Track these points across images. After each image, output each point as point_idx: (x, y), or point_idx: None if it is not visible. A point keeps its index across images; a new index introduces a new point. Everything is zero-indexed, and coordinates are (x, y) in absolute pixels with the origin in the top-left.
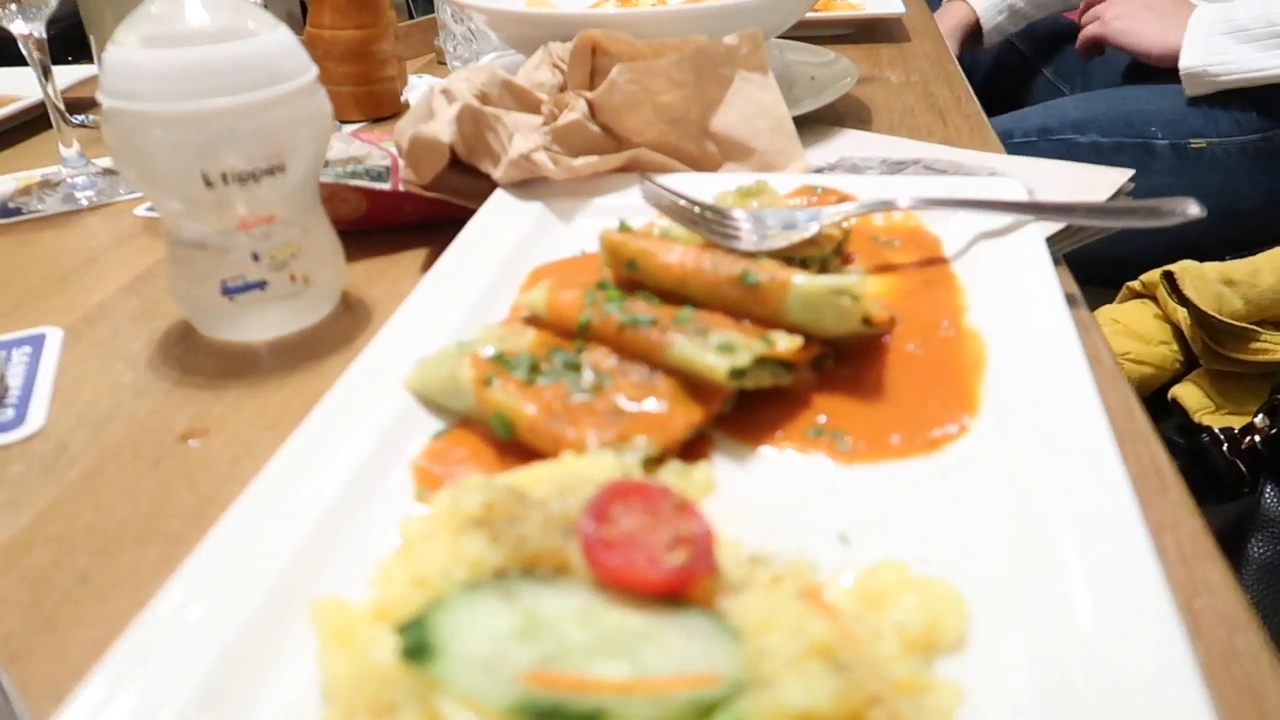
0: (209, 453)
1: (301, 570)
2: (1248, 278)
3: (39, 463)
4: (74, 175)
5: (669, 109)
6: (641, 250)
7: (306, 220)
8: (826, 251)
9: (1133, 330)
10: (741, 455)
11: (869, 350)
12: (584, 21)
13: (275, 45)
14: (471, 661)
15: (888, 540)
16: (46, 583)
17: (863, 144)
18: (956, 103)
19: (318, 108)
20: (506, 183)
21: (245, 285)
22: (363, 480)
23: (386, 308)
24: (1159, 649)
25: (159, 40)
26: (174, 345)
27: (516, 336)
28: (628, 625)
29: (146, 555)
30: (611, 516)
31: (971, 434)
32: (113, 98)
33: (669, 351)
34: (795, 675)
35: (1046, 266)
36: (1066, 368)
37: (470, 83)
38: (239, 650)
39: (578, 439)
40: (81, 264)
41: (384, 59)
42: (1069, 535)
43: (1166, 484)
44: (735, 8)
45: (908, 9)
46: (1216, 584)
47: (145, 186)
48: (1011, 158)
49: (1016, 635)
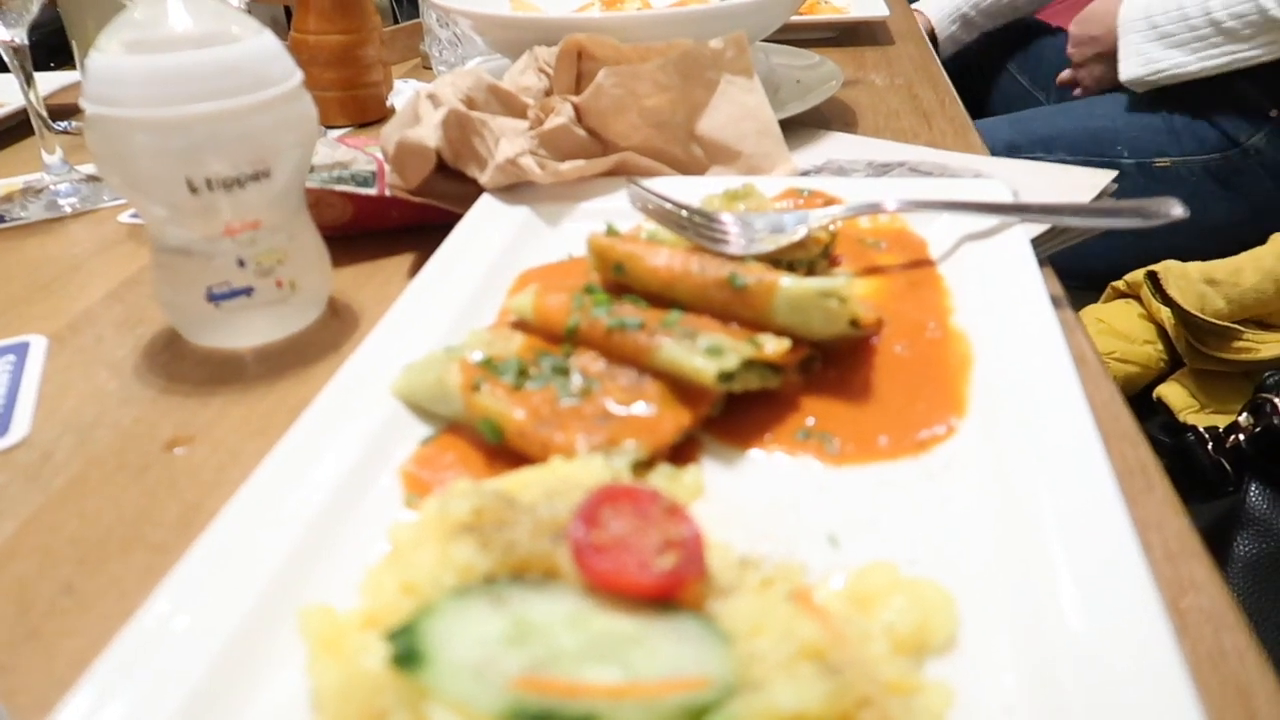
0: (195, 461)
1: (289, 578)
2: (1230, 277)
3: (23, 472)
4: (57, 182)
5: (655, 113)
6: (629, 254)
7: (292, 226)
8: (814, 254)
9: (1117, 330)
10: (730, 458)
11: (856, 352)
12: (569, 25)
13: (259, 50)
14: (461, 668)
15: (877, 542)
16: (31, 593)
17: (848, 146)
18: (941, 105)
19: (303, 113)
20: (493, 187)
21: (231, 292)
22: (350, 487)
23: (373, 313)
24: (1147, 647)
25: (142, 46)
26: (159, 353)
27: (504, 341)
28: (618, 630)
29: (132, 564)
30: (601, 521)
31: (959, 435)
32: (96, 104)
33: (657, 355)
34: (786, 678)
35: (1032, 267)
36: (1052, 368)
37: (456, 87)
38: (227, 659)
39: (566, 443)
40: (65, 271)
41: (369, 64)
42: (1056, 535)
43: (1152, 482)
44: (720, 11)
45: (891, 12)
46: (1203, 582)
47: (129, 193)
48: (996, 160)
49: (1006, 635)
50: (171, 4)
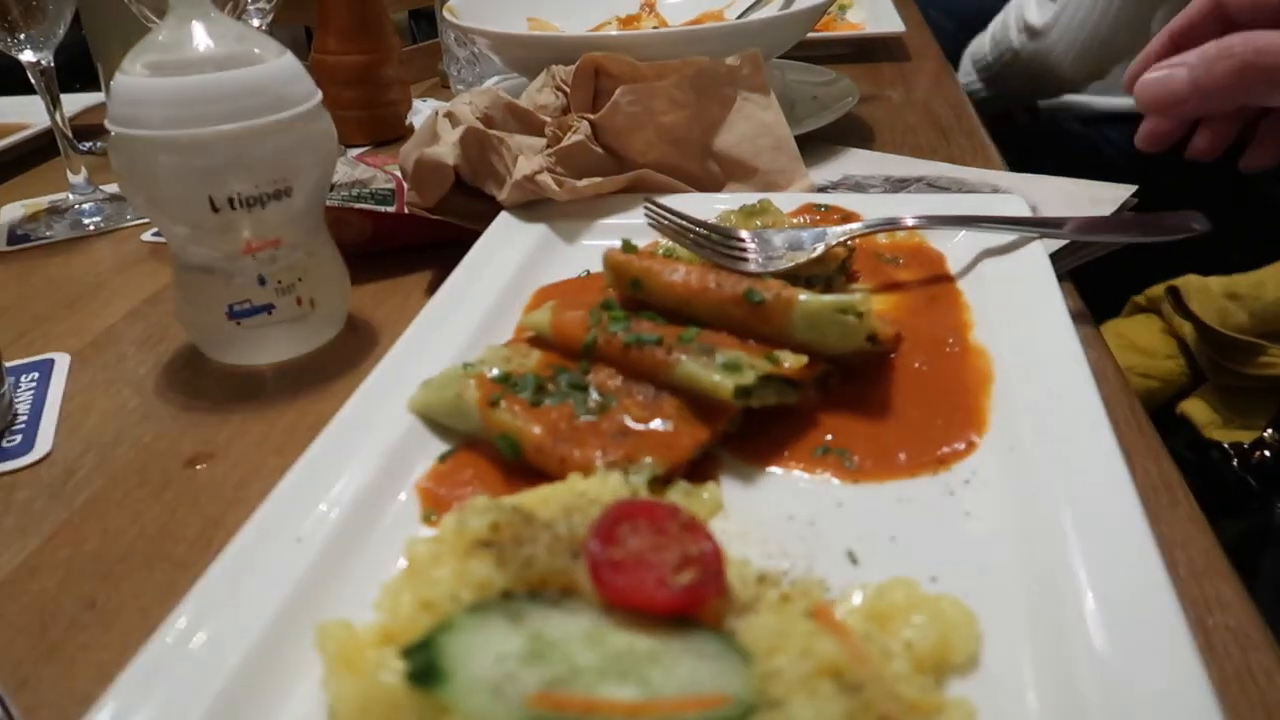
0: (215, 477)
1: (308, 594)
2: (1252, 290)
3: (46, 488)
4: (81, 201)
5: (671, 130)
6: (646, 270)
7: (312, 244)
8: (831, 269)
9: (1138, 345)
10: (749, 474)
11: (875, 368)
12: (586, 44)
13: (280, 71)
14: (479, 684)
15: (897, 558)
16: (53, 608)
17: (865, 162)
18: (958, 120)
19: (323, 132)
20: (511, 204)
21: (252, 309)
22: (368, 503)
23: (392, 330)
24: (1173, 667)
25: (166, 68)
26: (180, 370)
27: (521, 357)
28: (636, 647)
29: (153, 580)
30: (618, 537)
31: (980, 451)
32: (120, 125)
33: (674, 371)
34: (805, 696)
35: (1051, 282)
36: (1073, 383)
37: (474, 106)
38: (245, 675)
39: (584, 459)
40: (88, 289)
41: (388, 83)
42: (1079, 552)
43: (1176, 499)
44: (736, 29)
45: (908, 28)
46: (1230, 600)
47: (152, 212)
48: (1014, 174)
49: (1028, 653)
50: (195, 26)
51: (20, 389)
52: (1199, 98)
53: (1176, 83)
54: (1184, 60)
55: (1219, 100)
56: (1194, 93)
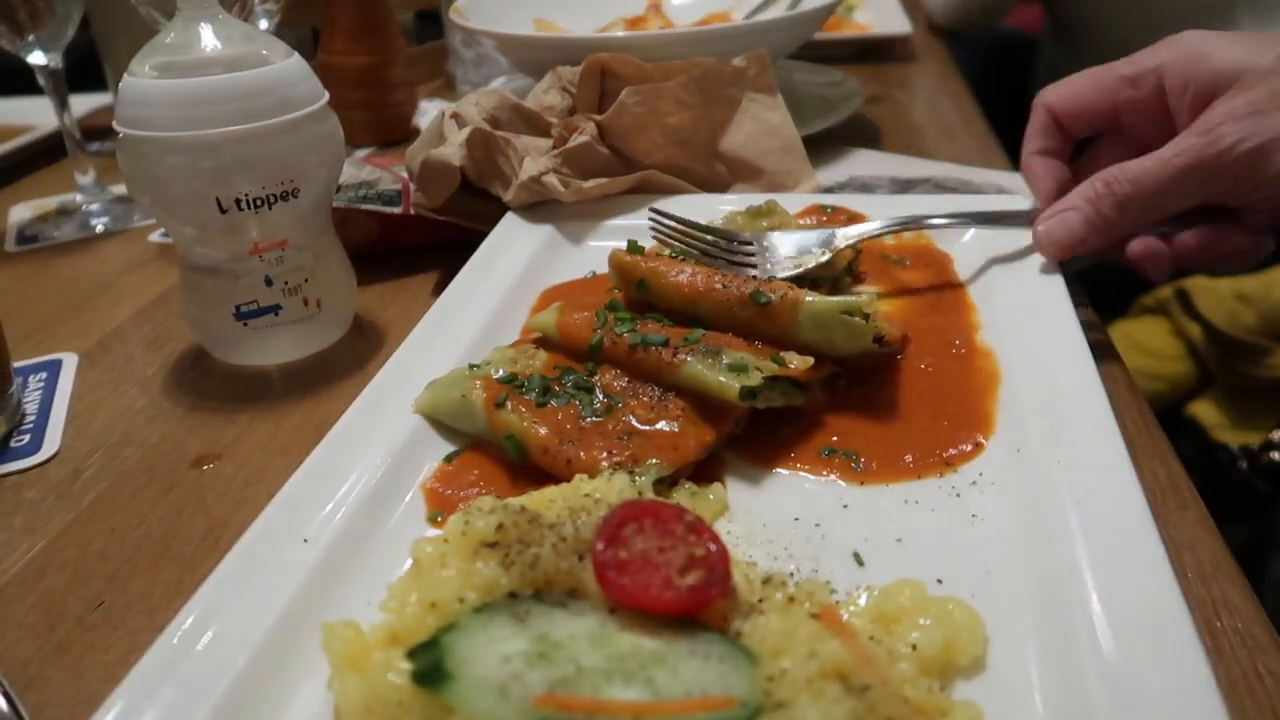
0: (221, 477)
1: (314, 594)
2: (1261, 291)
3: (54, 488)
4: (89, 203)
5: (677, 130)
6: (652, 271)
7: (319, 245)
8: (837, 270)
9: (1146, 346)
10: (754, 476)
11: (881, 369)
12: (592, 45)
13: (287, 72)
14: (485, 685)
15: (903, 560)
16: (61, 608)
17: (872, 163)
18: (965, 121)
19: (330, 133)
20: (517, 205)
21: (259, 310)
22: (374, 504)
23: (398, 331)
24: (1180, 670)
25: (173, 69)
26: (187, 370)
27: (528, 358)
28: (641, 648)
29: (160, 580)
30: (624, 538)
31: (986, 452)
32: (128, 126)
33: (680, 372)
34: (811, 698)
35: (1058, 283)
36: (1081, 385)
37: (480, 107)
38: (252, 675)
39: (590, 460)
40: (96, 290)
41: (395, 84)
42: (1086, 554)
43: (1185, 502)
44: (743, 30)
45: (914, 29)
46: (1237, 603)
47: (159, 213)
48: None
49: (1035, 656)
50: (202, 28)
51: (28, 389)
52: (1097, 235)
53: (1073, 225)
54: (1071, 205)
55: (1116, 232)
56: (1091, 231)
